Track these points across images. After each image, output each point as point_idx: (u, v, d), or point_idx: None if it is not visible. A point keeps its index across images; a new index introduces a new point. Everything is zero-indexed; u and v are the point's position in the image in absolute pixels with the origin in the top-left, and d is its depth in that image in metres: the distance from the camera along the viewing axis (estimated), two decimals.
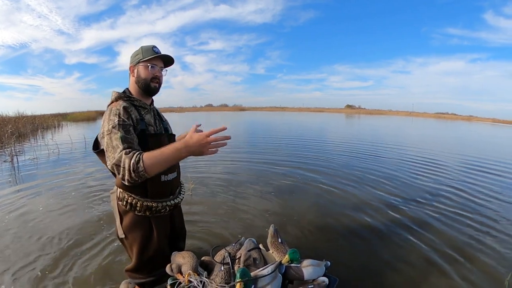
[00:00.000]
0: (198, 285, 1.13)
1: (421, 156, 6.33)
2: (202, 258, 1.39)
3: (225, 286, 1.12)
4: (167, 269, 1.25)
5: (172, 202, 1.31)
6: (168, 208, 1.31)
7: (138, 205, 1.22)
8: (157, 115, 1.40)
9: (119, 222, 1.29)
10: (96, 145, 1.24)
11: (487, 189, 3.83)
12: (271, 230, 1.53)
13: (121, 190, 1.25)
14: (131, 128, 1.15)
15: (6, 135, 8.06)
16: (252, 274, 1.12)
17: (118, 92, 1.27)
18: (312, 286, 1.18)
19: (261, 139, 9.27)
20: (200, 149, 1.03)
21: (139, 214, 1.25)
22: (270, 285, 1.07)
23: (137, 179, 1.04)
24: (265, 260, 1.33)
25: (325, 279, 1.23)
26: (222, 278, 1.19)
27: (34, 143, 8.15)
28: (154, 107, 1.40)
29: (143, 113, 1.27)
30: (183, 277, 1.19)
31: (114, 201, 1.29)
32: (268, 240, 1.48)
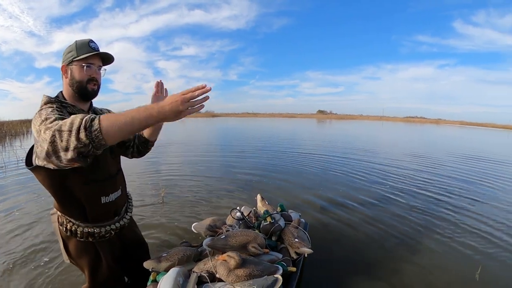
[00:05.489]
0: (236, 226, 2.00)
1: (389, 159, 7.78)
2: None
3: (253, 223, 1.99)
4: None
5: (117, 224, 1.30)
6: (113, 232, 1.28)
7: (78, 231, 1.18)
8: None
9: (62, 247, 1.26)
10: (30, 161, 1.08)
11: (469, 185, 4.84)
12: (259, 197, 2.44)
13: (60, 214, 1.20)
14: None
15: None
16: None
17: (48, 97, 1.13)
18: (298, 224, 2.12)
19: (231, 143, 10.38)
20: (176, 107, 0.88)
21: (82, 240, 1.21)
22: (281, 220, 1.97)
23: (87, 141, 0.84)
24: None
25: (303, 219, 2.19)
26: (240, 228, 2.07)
27: (2, 151, 8.25)
28: (93, 114, 1.27)
29: None
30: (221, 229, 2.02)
31: (55, 223, 1.23)
32: (259, 204, 2.38)
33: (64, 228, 1.19)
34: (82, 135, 0.84)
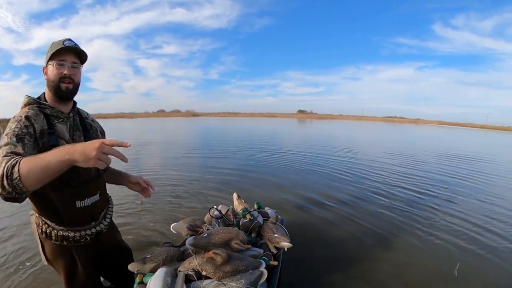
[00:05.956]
0: (216, 224, 2.01)
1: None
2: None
3: (232, 221, 2.02)
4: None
5: (93, 230, 1.26)
6: (88, 238, 1.24)
7: (53, 234, 1.17)
8: (80, 125, 1.31)
9: (40, 248, 1.26)
10: None
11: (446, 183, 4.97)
12: (235, 195, 2.46)
13: (37, 215, 1.20)
14: (27, 138, 1.03)
15: None
16: None
17: (29, 97, 1.18)
18: (276, 220, 2.17)
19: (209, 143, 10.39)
20: (88, 152, 0.85)
21: (57, 243, 1.20)
22: (259, 216, 2.00)
23: (10, 189, 0.85)
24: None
25: (279, 216, 2.23)
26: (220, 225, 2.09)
27: None
28: (75, 116, 1.30)
29: (56, 122, 1.18)
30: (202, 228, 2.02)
31: (33, 225, 1.23)
32: (235, 203, 2.41)
33: (40, 230, 1.18)
34: (5, 183, 0.85)
